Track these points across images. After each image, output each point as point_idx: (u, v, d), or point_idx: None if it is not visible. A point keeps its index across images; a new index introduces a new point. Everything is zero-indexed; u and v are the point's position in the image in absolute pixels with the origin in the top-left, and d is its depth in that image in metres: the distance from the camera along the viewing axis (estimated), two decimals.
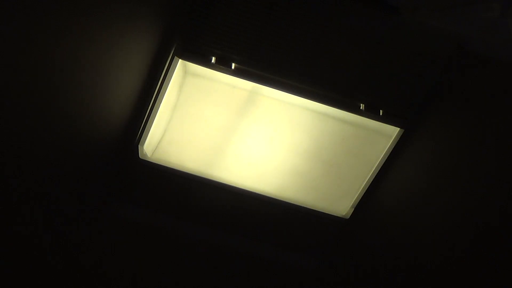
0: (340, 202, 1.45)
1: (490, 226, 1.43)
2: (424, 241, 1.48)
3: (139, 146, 1.34)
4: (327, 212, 1.44)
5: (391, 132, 1.32)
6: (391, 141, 1.33)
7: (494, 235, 1.44)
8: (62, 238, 1.39)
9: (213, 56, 1.22)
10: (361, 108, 1.27)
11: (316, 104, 1.28)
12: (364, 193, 1.41)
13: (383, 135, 1.34)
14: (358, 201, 1.43)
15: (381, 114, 1.27)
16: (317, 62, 1.22)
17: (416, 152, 1.34)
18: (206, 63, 1.22)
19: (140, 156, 1.36)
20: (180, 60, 1.22)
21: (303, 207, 1.43)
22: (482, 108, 1.27)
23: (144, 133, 1.32)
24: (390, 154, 1.34)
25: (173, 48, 1.21)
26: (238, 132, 1.38)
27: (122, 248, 1.45)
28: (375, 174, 1.38)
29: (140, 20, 1.12)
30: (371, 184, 1.39)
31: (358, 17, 1.17)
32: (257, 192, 1.41)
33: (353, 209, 1.44)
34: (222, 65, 1.22)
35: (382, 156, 1.35)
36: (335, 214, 1.45)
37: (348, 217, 1.45)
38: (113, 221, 1.47)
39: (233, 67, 1.23)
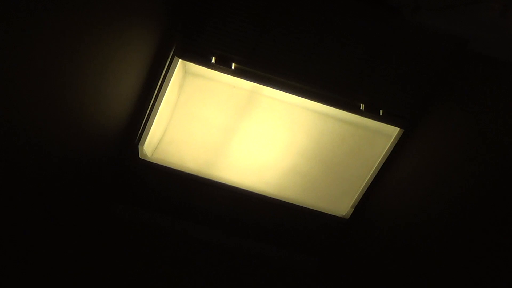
0: (340, 202, 1.45)
1: (491, 226, 1.43)
2: (424, 240, 1.48)
3: (139, 146, 1.35)
4: (327, 212, 1.44)
5: (391, 132, 1.32)
6: (391, 141, 1.33)
7: (495, 234, 1.44)
8: (63, 238, 1.39)
9: (213, 56, 1.22)
10: (361, 108, 1.27)
11: (316, 104, 1.28)
12: (364, 193, 1.41)
13: (383, 135, 1.34)
14: (358, 201, 1.43)
15: (381, 114, 1.27)
16: (317, 62, 1.22)
17: (416, 152, 1.34)
18: (206, 63, 1.22)
19: (140, 156, 1.36)
20: (180, 60, 1.22)
21: (303, 207, 1.43)
22: (482, 108, 1.27)
23: (144, 133, 1.32)
24: (390, 154, 1.34)
25: (173, 48, 1.21)
26: (238, 132, 1.38)
27: (122, 248, 1.45)
28: (375, 174, 1.38)
29: (140, 20, 1.12)
30: (371, 184, 1.39)
31: (358, 18, 1.17)
32: (257, 192, 1.41)
33: (353, 209, 1.44)
34: (222, 65, 1.22)
35: (382, 156, 1.36)
36: (335, 214, 1.45)
37: (348, 217, 1.45)
38: (113, 221, 1.47)
39: (233, 67, 1.23)
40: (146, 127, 1.31)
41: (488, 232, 1.45)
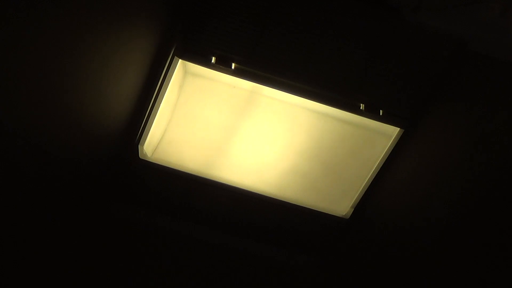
0: (340, 202, 1.45)
1: (491, 226, 1.43)
2: (424, 240, 1.48)
3: (139, 146, 1.34)
4: (327, 212, 1.44)
5: (391, 132, 1.32)
6: (391, 141, 1.33)
7: (495, 234, 1.44)
8: (62, 238, 1.39)
9: (213, 56, 1.22)
10: (361, 108, 1.27)
11: (316, 104, 1.28)
12: (364, 193, 1.41)
13: (383, 135, 1.34)
14: (358, 201, 1.43)
15: (381, 114, 1.27)
16: (317, 62, 1.22)
17: (416, 152, 1.34)
18: (206, 63, 1.22)
19: (140, 156, 1.36)
20: (180, 60, 1.22)
21: (303, 207, 1.43)
22: (482, 108, 1.27)
23: (144, 133, 1.32)
24: (390, 154, 1.34)
25: (173, 48, 1.21)
26: (238, 132, 1.38)
27: (122, 248, 1.45)
28: (375, 174, 1.38)
29: (140, 20, 1.12)
30: (371, 184, 1.39)
31: (358, 17, 1.17)
32: (257, 192, 1.41)
33: (353, 209, 1.44)
34: (222, 65, 1.22)
35: (382, 156, 1.36)
36: (335, 214, 1.45)
37: (348, 217, 1.44)
38: (113, 221, 1.47)
39: (233, 67, 1.23)
40: (146, 127, 1.31)
41: (488, 232, 1.45)
